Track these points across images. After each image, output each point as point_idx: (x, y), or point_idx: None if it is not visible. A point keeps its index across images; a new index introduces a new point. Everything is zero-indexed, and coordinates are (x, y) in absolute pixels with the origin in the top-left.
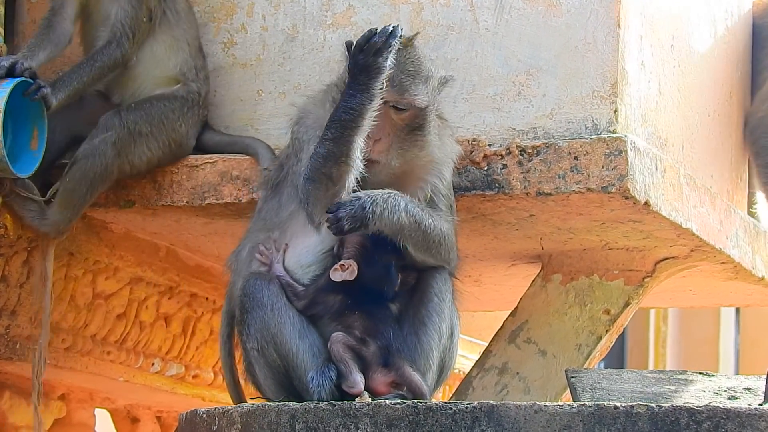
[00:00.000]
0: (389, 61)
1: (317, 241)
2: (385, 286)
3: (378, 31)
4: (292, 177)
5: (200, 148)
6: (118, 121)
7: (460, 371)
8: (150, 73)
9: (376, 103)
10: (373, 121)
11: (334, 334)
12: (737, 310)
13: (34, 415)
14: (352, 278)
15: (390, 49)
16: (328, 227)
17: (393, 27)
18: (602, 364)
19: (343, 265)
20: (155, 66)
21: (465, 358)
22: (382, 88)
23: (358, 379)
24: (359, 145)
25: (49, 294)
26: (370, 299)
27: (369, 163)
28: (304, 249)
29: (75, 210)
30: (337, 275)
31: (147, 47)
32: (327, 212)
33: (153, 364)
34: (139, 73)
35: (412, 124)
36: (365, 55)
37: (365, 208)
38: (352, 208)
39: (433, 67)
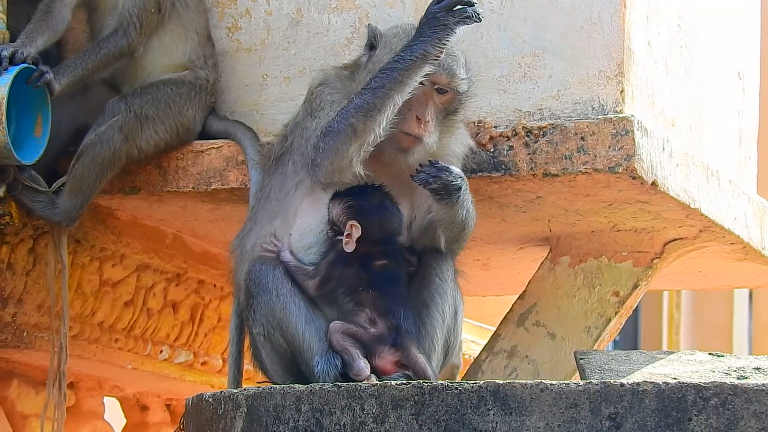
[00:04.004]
0: (458, 27)
1: (318, 220)
2: (394, 224)
3: None
4: (299, 145)
5: (204, 134)
6: (124, 106)
7: (470, 356)
8: (158, 61)
9: (427, 67)
10: (421, 103)
11: (331, 324)
12: (750, 294)
13: (56, 407)
14: (359, 234)
15: (463, 13)
16: (419, 169)
17: (474, 4)
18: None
19: (348, 233)
20: (163, 55)
21: (475, 344)
22: (441, 52)
23: (363, 366)
24: (395, 105)
25: (66, 283)
26: (384, 277)
27: (414, 140)
28: (306, 229)
29: (85, 197)
30: (349, 246)
31: (155, 37)
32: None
33: (161, 351)
34: (148, 62)
35: (448, 108)
36: (440, 7)
37: (460, 188)
38: (450, 174)
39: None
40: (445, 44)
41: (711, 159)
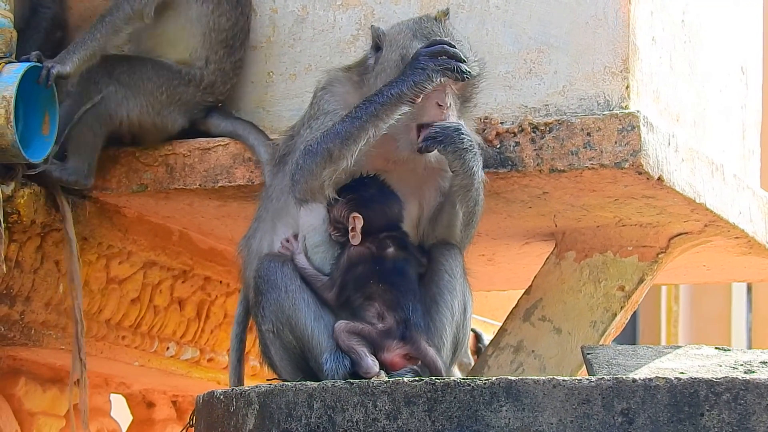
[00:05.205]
0: (437, 76)
1: (321, 219)
2: (395, 209)
3: (451, 46)
4: (299, 148)
5: (210, 134)
6: (100, 62)
7: None
8: (161, 51)
9: (404, 106)
10: (440, 90)
11: (336, 324)
12: (749, 287)
13: (80, 408)
14: (362, 224)
15: (445, 64)
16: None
17: (464, 61)
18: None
19: (353, 227)
20: (167, 44)
21: None
22: (417, 95)
23: (371, 363)
24: (369, 139)
25: (77, 254)
26: (394, 270)
27: None
28: (310, 228)
29: (88, 154)
30: (355, 239)
31: (160, 28)
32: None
33: (168, 348)
34: (152, 49)
35: (464, 94)
36: (426, 51)
37: (459, 129)
38: (445, 125)
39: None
40: (421, 89)
41: (715, 153)
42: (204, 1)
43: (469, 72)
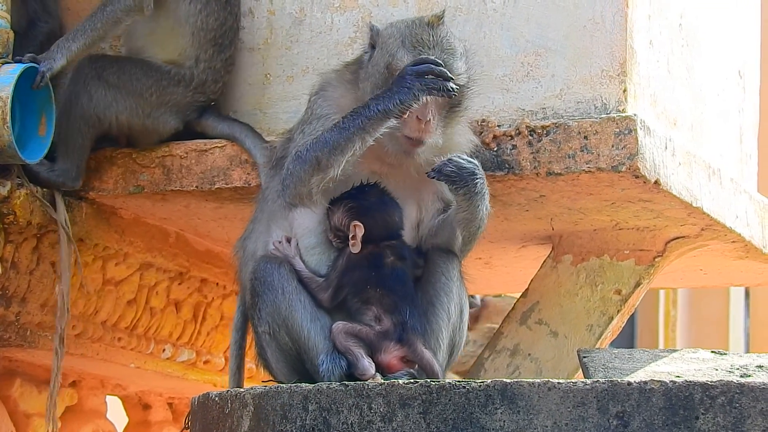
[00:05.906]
0: (423, 95)
1: (316, 221)
2: (396, 218)
3: (437, 64)
4: (291, 150)
5: (206, 135)
6: (88, 63)
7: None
8: (150, 51)
9: (391, 121)
10: (423, 107)
11: (334, 325)
12: (747, 291)
13: (50, 402)
14: (363, 233)
15: (431, 84)
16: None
17: (450, 79)
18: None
19: (353, 235)
20: (155, 44)
21: None
22: (403, 111)
23: (367, 365)
24: (356, 150)
25: (71, 243)
26: (391, 276)
27: (416, 143)
28: (305, 231)
29: (76, 156)
30: (355, 247)
31: (148, 27)
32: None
33: (164, 350)
34: (140, 50)
35: (452, 101)
36: (413, 70)
37: (475, 173)
38: (462, 158)
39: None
40: (406, 107)
41: (712, 157)
42: (197, 6)
43: (455, 90)
